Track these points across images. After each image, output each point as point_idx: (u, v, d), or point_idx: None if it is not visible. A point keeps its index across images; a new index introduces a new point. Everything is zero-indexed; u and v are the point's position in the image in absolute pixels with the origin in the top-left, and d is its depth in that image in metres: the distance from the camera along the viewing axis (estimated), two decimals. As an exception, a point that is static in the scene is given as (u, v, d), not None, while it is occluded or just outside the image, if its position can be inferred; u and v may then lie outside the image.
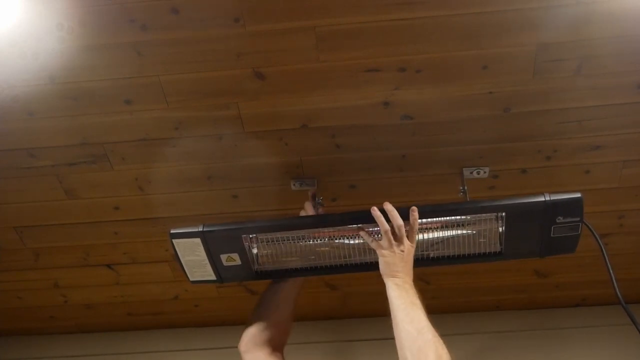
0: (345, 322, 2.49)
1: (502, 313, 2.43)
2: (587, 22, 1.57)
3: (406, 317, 1.36)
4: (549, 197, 1.55)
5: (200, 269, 1.70)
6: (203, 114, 1.79)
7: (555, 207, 1.55)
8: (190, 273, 1.72)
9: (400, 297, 1.42)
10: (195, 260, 1.68)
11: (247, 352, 1.62)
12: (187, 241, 1.65)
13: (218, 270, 1.70)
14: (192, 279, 1.74)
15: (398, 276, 1.47)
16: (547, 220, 1.57)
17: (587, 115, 1.78)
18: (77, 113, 1.79)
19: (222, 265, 1.69)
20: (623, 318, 1.65)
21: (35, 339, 2.59)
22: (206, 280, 1.74)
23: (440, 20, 1.58)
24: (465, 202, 1.64)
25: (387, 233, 1.51)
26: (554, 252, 1.65)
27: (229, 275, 1.72)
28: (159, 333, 2.55)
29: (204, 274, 1.72)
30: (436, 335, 1.31)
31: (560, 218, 1.55)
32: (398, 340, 1.34)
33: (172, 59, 1.66)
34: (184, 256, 1.68)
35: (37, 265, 2.26)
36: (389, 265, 1.49)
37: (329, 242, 1.67)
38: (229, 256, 1.67)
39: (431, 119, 1.79)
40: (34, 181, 1.97)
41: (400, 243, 1.51)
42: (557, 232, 1.58)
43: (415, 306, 1.38)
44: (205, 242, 1.64)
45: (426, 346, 1.28)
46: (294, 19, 1.57)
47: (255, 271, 1.71)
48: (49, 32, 1.60)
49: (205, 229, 1.63)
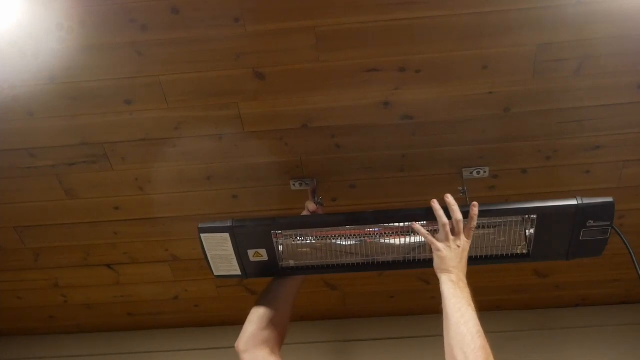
0: (345, 322, 2.49)
1: (502, 313, 2.44)
2: (587, 22, 1.57)
3: (462, 318, 1.33)
4: (581, 200, 1.55)
5: (226, 263, 1.70)
6: (203, 114, 1.79)
7: (588, 211, 1.54)
8: (215, 267, 1.73)
9: (456, 295, 1.38)
10: (222, 255, 1.69)
11: (245, 352, 1.61)
12: (216, 236, 1.65)
13: (244, 266, 1.71)
14: (216, 273, 1.74)
15: (453, 272, 1.44)
16: (577, 224, 1.56)
17: (587, 115, 1.78)
18: (77, 113, 1.79)
19: (248, 260, 1.69)
20: (623, 318, 1.66)
21: (35, 339, 2.59)
22: (231, 275, 1.74)
23: (440, 20, 1.58)
24: (497, 204, 1.61)
25: (446, 227, 1.48)
26: (581, 255, 1.64)
27: (255, 271, 1.72)
28: (159, 333, 2.55)
29: (230, 269, 1.72)
30: (486, 341, 1.30)
31: (591, 222, 1.54)
32: (450, 338, 1.31)
33: (172, 59, 1.66)
34: (211, 251, 1.68)
35: (37, 265, 2.26)
36: (444, 261, 1.46)
37: (357, 240, 1.68)
38: (257, 252, 1.68)
39: (431, 119, 1.79)
40: (34, 181, 1.98)
41: (457, 238, 1.49)
42: (586, 235, 1.56)
43: (471, 307, 1.36)
44: (234, 237, 1.65)
45: (480, 352, 1.26)
46: (294, 19, 1.57)
47: (281, 267, 1.71)
48: (49, 32, 1.60)
49: (235, 224, 1.64)
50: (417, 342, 2.39)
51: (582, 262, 2.20)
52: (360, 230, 1.67)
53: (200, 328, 2.54)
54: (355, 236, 1.68)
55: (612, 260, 2.19)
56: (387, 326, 2.43)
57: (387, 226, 1.65)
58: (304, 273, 1.74)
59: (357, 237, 1.69)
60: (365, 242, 1.68)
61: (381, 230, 1.66)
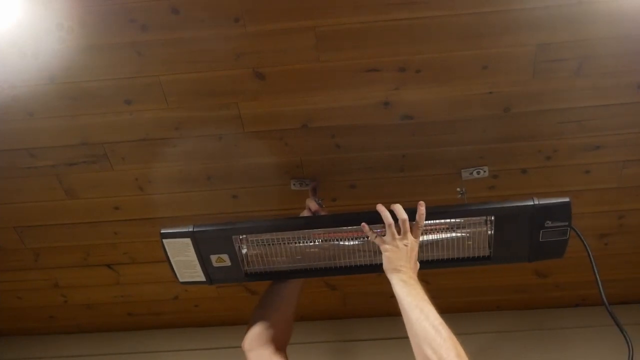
0: (345, 322, 2.49)
1: (502, 313, 2.43)
2: (587, 22, 1.57)
3: (421, 314, 1.32)
4: (537, 201, 1.55)
5: (189, 269, 1.68)
6: (203, 114, 1.79)
7: (544, 211, 1.54)
8: (179, 274, 1.71)
9: (410, 294, 1.38)
10: (185, 260, 1.67)
11: (251, 351, 1.61)
12: (177, 241, 1.63)
13: (208, 271, 1.69)
14: (181, 280, 1.72)
15: (402, 271, 1.44)
16: (535, 225, 1.56)
17: (587, 115, 1.78)
18: (77, 113, 1.79)
19: (212, 266, 1.67)
20: (623, 318, 1.65)
21: (35, 339, 2.59)
22: (195, 282, 1.72)
23: (440, 20, 1.58)
24: (455, 205, 1.63)
25: (391, 227, 1.49)
26: (543, 256, 1.64)
27: (219, 277, 1.70)
28: (159, 333, 2.55)
29: (194, 275, 1.70)
30: (450, 331, 1.29)
31: (549, 222, 1.55)
32: (414, 337, 1.31)
33: (172, 59, 1.66)
34: (174, 256, 1.66)
35: (37, 265, 2.26)
36: (391, 261, 1.47)
37: (321, 243, 1.66)
38: (219, 257, 1.66)
39: (431, 119, 1.79)
40: (34, 181, 1.98)
41: (404, 237, 1.49)
42: (545, 236, 1.57)
43: (426, 302, 1.36)
44: (195, 243, 1.63)
45: (446, 344, 1.25)
46: (294, 19, 1.57)
47: (244, 272, 1.70)
48: (49, 32, 1.60)
49: (196, 229, 1.62)
50: (417, 342, 2.39)
51: (582, 262, 2.19)
52: (322, 234, 1.65)
53: (200, 328, 2.54)
54: (317, 239, 1.66)
55: (612, 260, 2.19)
56: (387, 326, 2.43)
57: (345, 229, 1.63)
58: (269, 279, 1.72)
59: (319, 240, 1.66)
60: (327, 245, 1.65)
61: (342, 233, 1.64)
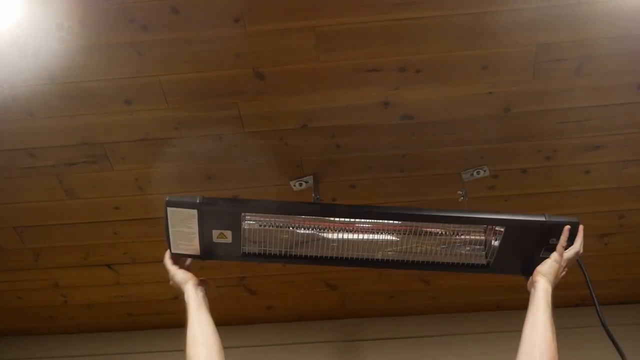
0: (345, 322, 2.49)
1: (502, 313, 2.43)
2: (587, 22, 1.57)
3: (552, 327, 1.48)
4: (549, 217, 1.55)
5: (185, 241, 1.63)
6: (203, 114, 1.79)
7: (553, 228, 1.54)
8: (174, 244, 1.66)
9: (549, 306, 1.51)
10: (184, 232, 1.62)
11: None
12: (183, 211, 1.57)
13: (205, 246, 1.63)
14: (174, 251, 1.65)
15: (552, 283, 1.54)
16: (540, 240, 1.56)
17: (587, 115, 1.78)
18: (77, 113, 1.79)
19: (211, 241, 1.62)
20: (623, 318, 1.65)
21: (35, 339, 2.58)
22: (188, 255, 1.68)
23: (440, 20, 1.58)
24: (466, 211, 1.61)
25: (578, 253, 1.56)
26: None
27: (215, 253, 1.65)
28: (159, 333, 2.54)
29: (188, 248, 1.64)
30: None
31: (554, 240, 1.55)
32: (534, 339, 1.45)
33: (172, 59, 1.66)
34: (174, 226, 1.61)
35: (37, 265, 2.26)
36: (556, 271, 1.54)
37: (327, 233, 1.63)
38: (222, 232, 1.62)
39: (431, 119, 1.79)
40: (34, 181, 1.97)
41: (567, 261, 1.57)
42: (546, 253, 1.57)
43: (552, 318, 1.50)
44: (201, 215, 1.59)
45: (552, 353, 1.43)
46: (294, 19, 1.57)
47: (242, 252, 1.67)
48: (49, 32, 1.60)
49: (205, 201, 1.57)
50: (417, 342, 2.39)
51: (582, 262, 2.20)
52: (331, 224, 1.60)
53: (200, 328, 2.54)
54: (325, 228, 1.62)
55: (612, 260, 2.19)
56: (387, 326, 2.43)
57: (358, 222, 1.59)
58: (264, 260, 1.67)
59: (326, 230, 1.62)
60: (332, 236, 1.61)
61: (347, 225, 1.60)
